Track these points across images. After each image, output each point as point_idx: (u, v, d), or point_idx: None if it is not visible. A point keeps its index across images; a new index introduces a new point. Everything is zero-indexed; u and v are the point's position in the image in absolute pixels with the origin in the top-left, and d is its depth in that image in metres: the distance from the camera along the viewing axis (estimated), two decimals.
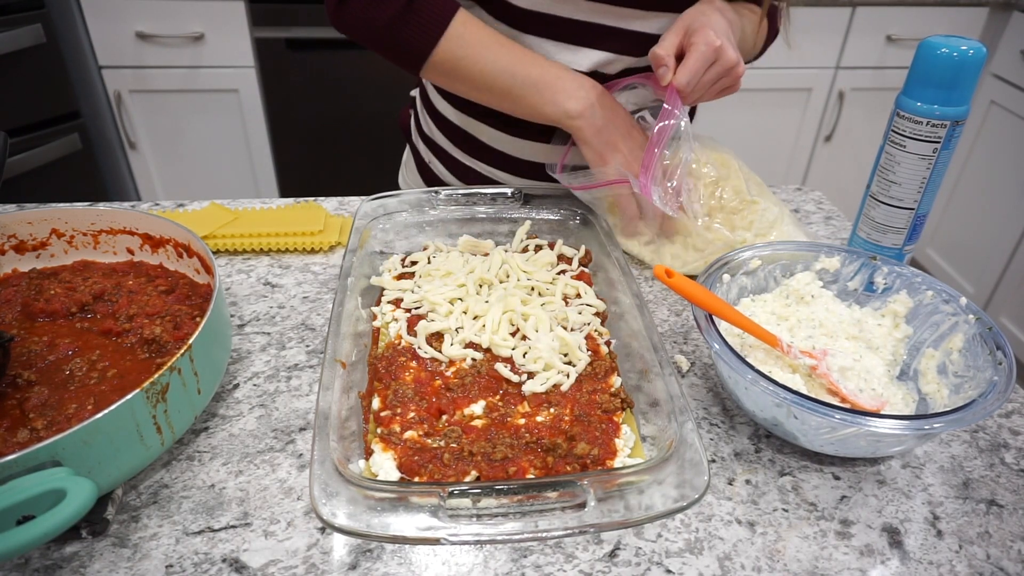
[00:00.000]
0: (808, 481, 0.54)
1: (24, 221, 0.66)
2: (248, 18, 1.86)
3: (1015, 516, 0.53)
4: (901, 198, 0.69)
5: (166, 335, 0.57)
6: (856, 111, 2.18)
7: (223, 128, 2.01)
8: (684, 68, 0.70)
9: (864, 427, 0.48)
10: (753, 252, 0.66)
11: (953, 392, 0.56)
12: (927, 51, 0.63)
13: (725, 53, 0.70)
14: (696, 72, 0.70)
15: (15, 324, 0.60)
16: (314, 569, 0.47)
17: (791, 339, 0.63)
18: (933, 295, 0.62)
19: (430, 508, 0.44)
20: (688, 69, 0.70)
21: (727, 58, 0.71)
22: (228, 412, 0.59)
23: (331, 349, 0.54)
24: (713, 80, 0.72)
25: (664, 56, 0.71)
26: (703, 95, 0.74)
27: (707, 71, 0.71)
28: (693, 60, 0.70)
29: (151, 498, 0.51)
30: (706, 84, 0.72)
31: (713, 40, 0.69)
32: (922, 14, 2.04)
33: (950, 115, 0.64)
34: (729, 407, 0.61)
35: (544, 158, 0.86)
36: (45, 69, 1.73)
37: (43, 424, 0.49)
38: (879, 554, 0.49)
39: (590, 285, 0.70)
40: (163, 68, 1.89)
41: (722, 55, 0.70)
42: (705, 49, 0.69)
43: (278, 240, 0.80)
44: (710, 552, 0.49)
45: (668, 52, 0.71)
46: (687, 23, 0.72)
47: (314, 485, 0.44)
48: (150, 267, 0.68)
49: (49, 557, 0.47)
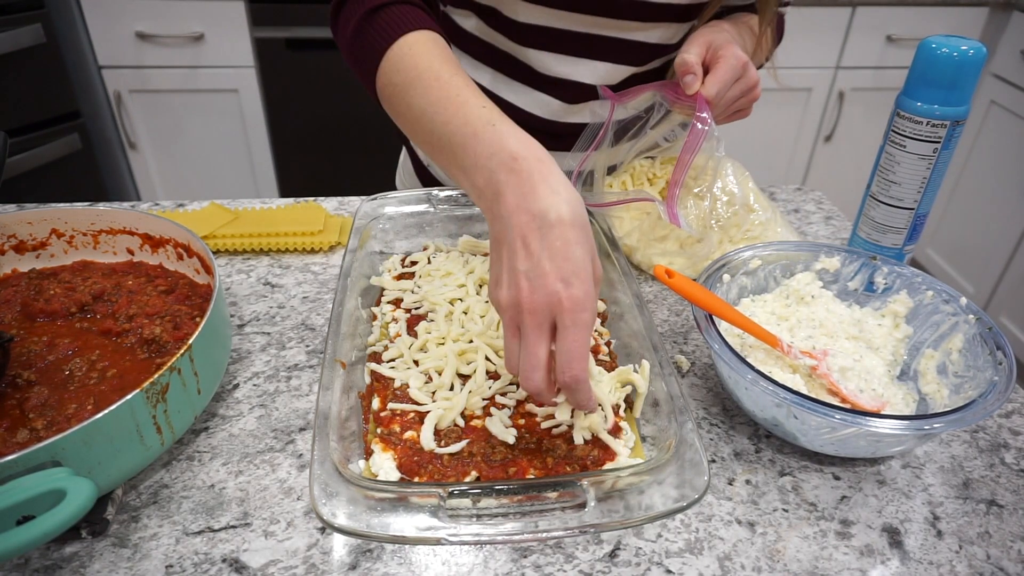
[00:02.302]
0: (808, 481, 0.54)
1: (24, 221, 0.66)
2: (248, 18, 1.86)
3: (1015, 516, 0.53)
4: (901, 198, 0.69)
5: (166, 335, 0.57)
6: (856, 111, 2.18)
7: (223, 128, 2.01)
8: (713, 78, 0.68)
9: (864, 427, 0.48)
10: (753, 252, 0.66)
11: (953, 392, 0.56)
12: (927, 51, 0.63)
13: (750, 70, 0.69)
14: (725, 84, 0.68)
15: (15, 324, 0.60)
16: (314, 569, 0.47)
17: (791, 339, 0.63)
18: (933, 295, 0.62)
19: (430, 508, 0.44)
20: (718, 80, 0.67)
21: (751, 76, 0.70)
22: (228, 412, 0.59)
23: (331, 349, 0.54)
24: (736, 97, 0.70)
25: (693, 63, 0.68)
26: (721, 115, 0.72)
27: (733, 86, 0.69)
28: (723, 71, 0.67)
29: (151, 498, 0.51)
30: (729, 100, 0.70)
31: (741, 55, 0.68)
32: (922, 14, 2.04)
33: (950, 115, 0.64)
34: (729, 407, 0.61)
35: None
36: (45, 69, 1.73)
37: (43, 424, 0.49)
38: (879, 554, 0.49)
39: None
40: (163, 68, 1.89)
41: (747, 72, 0.69)
42: (735, 62, 0.68)
43: (278, 240, 0.80)
44: (710, 552, 0.49)
45: (697, 60, 0.68)
46: (709, 38, 0.70)
47: (314, 485, 0.44)
48: (150, 267, 0.68)
49: (49, 557, 0.47)
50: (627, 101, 0.77)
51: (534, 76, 0.80)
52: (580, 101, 0.80)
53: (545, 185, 0.46)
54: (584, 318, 0.44)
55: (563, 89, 0.80)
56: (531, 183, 0.46)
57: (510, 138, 0.49)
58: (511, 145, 0.48)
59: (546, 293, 0.44)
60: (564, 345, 0.44)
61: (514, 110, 0.82)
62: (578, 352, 0.44)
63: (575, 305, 0.44)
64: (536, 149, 0.49)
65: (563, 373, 0.45)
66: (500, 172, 0.48)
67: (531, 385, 0.46)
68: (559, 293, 0.44)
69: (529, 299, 0.44)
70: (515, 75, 0.81)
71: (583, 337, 0.44)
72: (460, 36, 0.83)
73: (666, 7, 0.74)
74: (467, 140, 0.51)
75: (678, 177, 0.70)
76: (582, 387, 0.46)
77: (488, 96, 0.81)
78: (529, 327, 0.45)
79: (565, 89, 0.79)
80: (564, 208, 0.46)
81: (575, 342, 0.44)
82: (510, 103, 0.82)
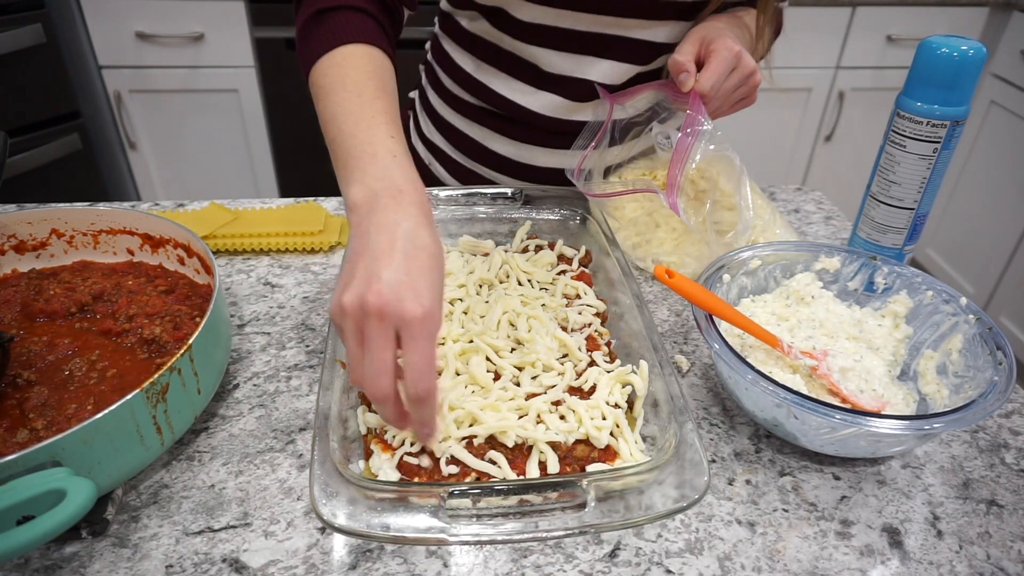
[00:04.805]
0: (808, 481, 0.54)
1: (24, 221, 0.66)
2: (248, 18, 1.86)
3: (1015, 516, 0.53)
4: (901, 198, 0.69)
5: (166, 335, 0.57)
6: (856, 111, 2.18)
7: (223, 128, 2.01)
8: (707, 72, 0.69)
9: (864, 427, 0.48)
10: (753, 252, 0.66)
11: (953, 392, 0.56)
12: (927, 51, 0.63)
13: (744, 59, 0.70)
14: (719, 76, 0.69)
15: (15, 324, 0.60)
16: (314, 569, 0.47)
17: (791, 339, 0.63)
18: (933, 295, 0.62)
19: (430, 508, 0.44)
20: (712, 73, 0.68)
21: (746, 64, 0.70)
22: (228, 412, 0.59)
23: (331, 349, 0.54)
24: (734, 87, 0.71)
25: (685, 62, 0.69)
26: (722, 105, 0.73)
27: (728, 77, 0.70)
28: (715, 64, 0.68)
29: (151, 498, 0.51)
30: (727, 91, 0.71)
31: (733, 46, 0.69)
32: (922, 14, 2.04)
33: (950, 115, 0.64)
34: (729, 407, 0.61)
35: (544, 162, 0.86)
36: (45, 69, 1.73)
37: (43, 424, 0.49)
38: (879, 554, 0.49)
39: (590, 285, 0.70)
40: (163, 68, 1.89)
41: (742, 61, 0.70)
42: (727, 54, 0.68)
43: (278, 240, 0.80)
44: (710, 552, 0.49)
45: (688, 58, 0.69)
46: (702, 34, 0.71)
47: (314, 485, 0.44)
48: (150, 267, 0.68)
49: (49, 557, 0.47)
50: (625, 101, 0.77)
51: (539, 75, 0.80)
52: (585, 99, 0.81)
53: (421, 217, 0.48)
54: (433, 330, 0.44)
55: (568, 87, 0.80)
56: (407, 213, 0.47)
57: (403, 173, 0.51)
58: (400, 179, 0.50)
59: (396, 298, 0.43)
60: (413, 357, 0.44)
61: (519, 109, 0.82)
62: (429, 364, 0.44)
63: (425, 316, 0.43)
64: (421, 192, 0.50)
65: (416, 384, 0.44)
66: (383, 196, 0.49)
67: (379, 391, 0.44)
68: (410, 301, 0.43)
69: (377, 302, 0.43)
70: (520, 75, 0.81)
71: (433, 350, 0.44)
72: (465, 37, 0.83)
73: (670, 5, 0.74)
74: (364, 158, 0.52)
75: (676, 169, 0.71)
76: (432, 401, 0.45)
77: (495, 96, 0.83)
78: (376, 331, 0.44)
79: (570, 87, 0.80)
80: (429, 241, 0.47)
81: (424, 354, 0.44)
82: (515, 102, 0.82)
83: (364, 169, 0.51)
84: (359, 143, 0.53)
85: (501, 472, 0.49)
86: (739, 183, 0.73)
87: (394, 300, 0.43)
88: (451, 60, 0.86)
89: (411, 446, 0.50)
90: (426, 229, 0.47)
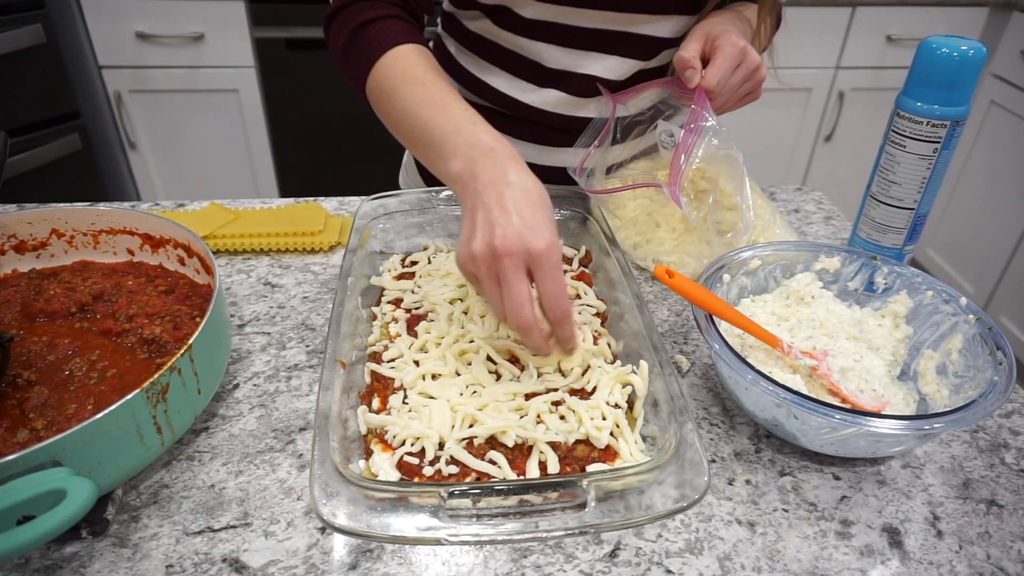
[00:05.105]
0: (808, 481, 0.54)
1: (24, 221, 0.66)
2: (248, 18, 1.86)
3: (1015, 516, 0.53)
4: (901, 198, 0.69)
5: (166, 335, 0.57)
6: (856, 111, 2.18)
7: (223, 128, 2.01)
8: (713, 68, 0.69)
9: (864, 427, 0.48)
10: (753, 252, 0.66)
11: (953, 392, 0.56)
12: (927, 51, 0.63)
13: (750, 54, 0.70)
14: (725, 72, 0.69)
15: (15, 324, 0.60)
16: (314, 569, 0.47)
17: (791, 339, 0.63)
18: (933, 295, 0.62)
19: (430, 508, 0.44)
20: (717, 69, 0.69)
21: (752, 59, 0.70)
22: (228, 412, 0.59)
23: (331, 349, 0.54)
24: (740, 82, 0.71)
25: (690, 58, 0.69)
26: (728, 100, 0.73)
27: (734, 73, 0.70)
28: (721, 60, 0.69)
29: (151, 498, 0.51)
30: (733, 87, 0.71)
31: (738, 41, 0.69)
32: (922, 14, 2.04)
33: (950, 115, 0.64)
34: (729, 407, 0.61)
35: (546, 160, 0.86)
36: (45, 69, 1.73)
37: (43, 424, 0.49)
38: (879, 554, 0.49)
39: (590, 285, 0.70)
40: (163, 68, 1.89)
41: (747, 56, 0.70)
42: (732, 50, 0.69)
43: (278, 240, 0.80)
44: (710, 552, 0.49)
45: (694, 55, 0.70)
46: (707, 30, 0.71)
47: (314, 485, 0.44)
48: (150, 267, 0.68)
49: (49, 557, 0.47)
50: (627, 100, 0.77)
51: (542, 71, 0.80)
52: (588, 95, 0.81)
53: (517, 167, 0.54)
54: (557, 260, 0.51)
55: (571, 82, 0.80)
56: (505, 166, 0.53)
57: (488, 135, 0.57)
58: (488, 140, 0.56)
59: (521, 238, 0.49)
60: (547, 286, 0.50)
61: (521, 107, 0.82)
62: (562, 289, 0.51)
63: (549, 248, 0.50)
64: (508, 146, 0.56)
65: (553, 309, 0.51)
66: (479, 158, 0.54)
67: (523, 320, 0.50)
68: (532, 238, 0.49)
69: (504, 244, 0.49)
70: (523, 73, 0.81)
71: (561, 276, 0.51)
72: (467, 37, 0.83)
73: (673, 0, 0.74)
74: (449, 134, 0.58)
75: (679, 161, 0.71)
76: (569, 320, 0.52)
77: (497, 94, 0.83)
78: (509, 269, 0.50)
79: (573, 82, 0.80)
80: (532, 184, 0.53)
81: (556, 281, 0.50)
82: (518, 100, 0.82)
83: (455, 143, 0.57)
84: (439, 124, 0.59)
85: (501, 472, 0.49)
86: (740, 183, 0.73)
87: (518, 240, 0.49)
88: (453, 59, 0.86)
89: (411, 446, 0.51)
90: (526, 174, 0.54)
